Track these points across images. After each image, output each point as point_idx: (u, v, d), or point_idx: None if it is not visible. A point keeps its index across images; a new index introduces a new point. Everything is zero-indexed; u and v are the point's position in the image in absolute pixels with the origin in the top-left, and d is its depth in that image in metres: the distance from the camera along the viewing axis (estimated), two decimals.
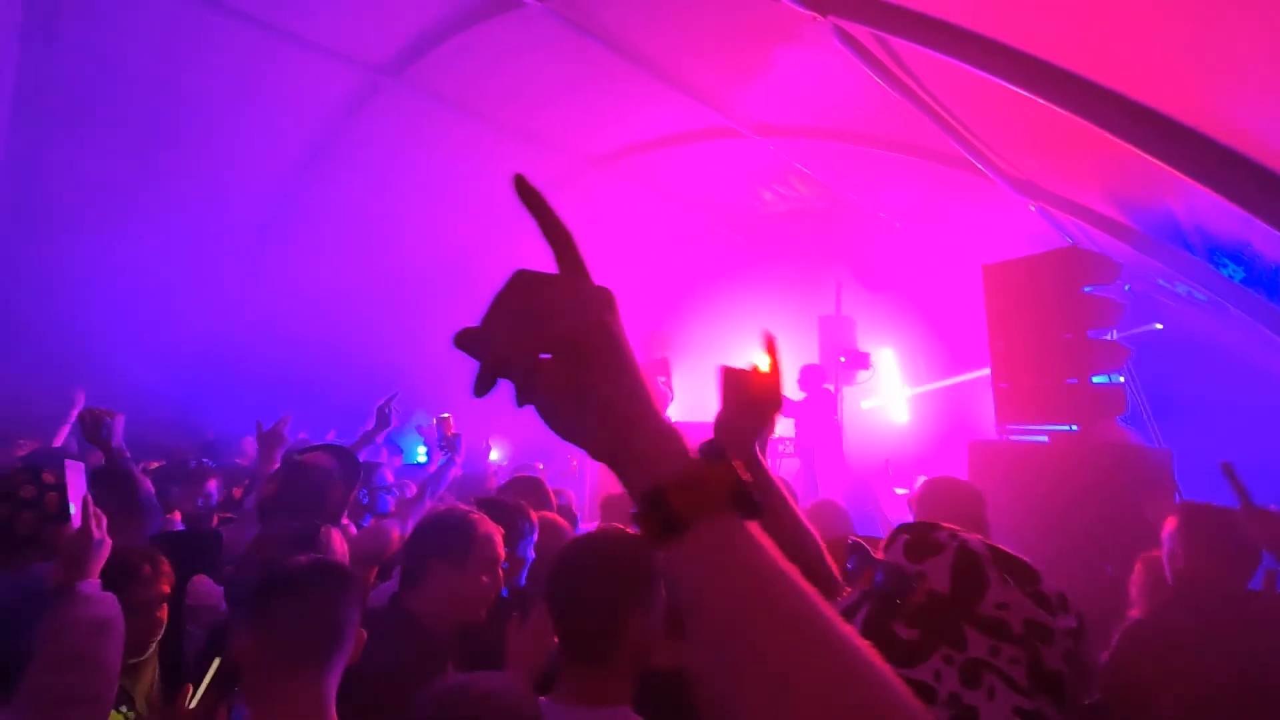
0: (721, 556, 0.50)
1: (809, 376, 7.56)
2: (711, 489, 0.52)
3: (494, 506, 2.44)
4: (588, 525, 3.57)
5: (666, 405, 8.18)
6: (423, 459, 8.09)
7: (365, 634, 1.62)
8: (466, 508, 2.26)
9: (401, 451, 7.97)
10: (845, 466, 6.97)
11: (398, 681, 1.74)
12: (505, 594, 2.19)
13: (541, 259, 0.61)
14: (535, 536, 2.58)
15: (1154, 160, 2.38)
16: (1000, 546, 0.82)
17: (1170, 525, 2.43)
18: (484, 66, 5.79)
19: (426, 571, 1.99)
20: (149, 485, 2.79)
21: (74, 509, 1.69)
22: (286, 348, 7.04)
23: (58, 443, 5.05)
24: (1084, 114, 2.53)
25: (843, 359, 7.74)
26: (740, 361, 1.32)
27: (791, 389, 7.65)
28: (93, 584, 1.58)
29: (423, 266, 7.91)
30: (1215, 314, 5.13)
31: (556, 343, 0.55)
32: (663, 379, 8.25)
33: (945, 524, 0.86)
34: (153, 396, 6.53)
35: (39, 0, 4.97)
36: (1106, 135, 3.08)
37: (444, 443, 4.29)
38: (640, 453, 0.55)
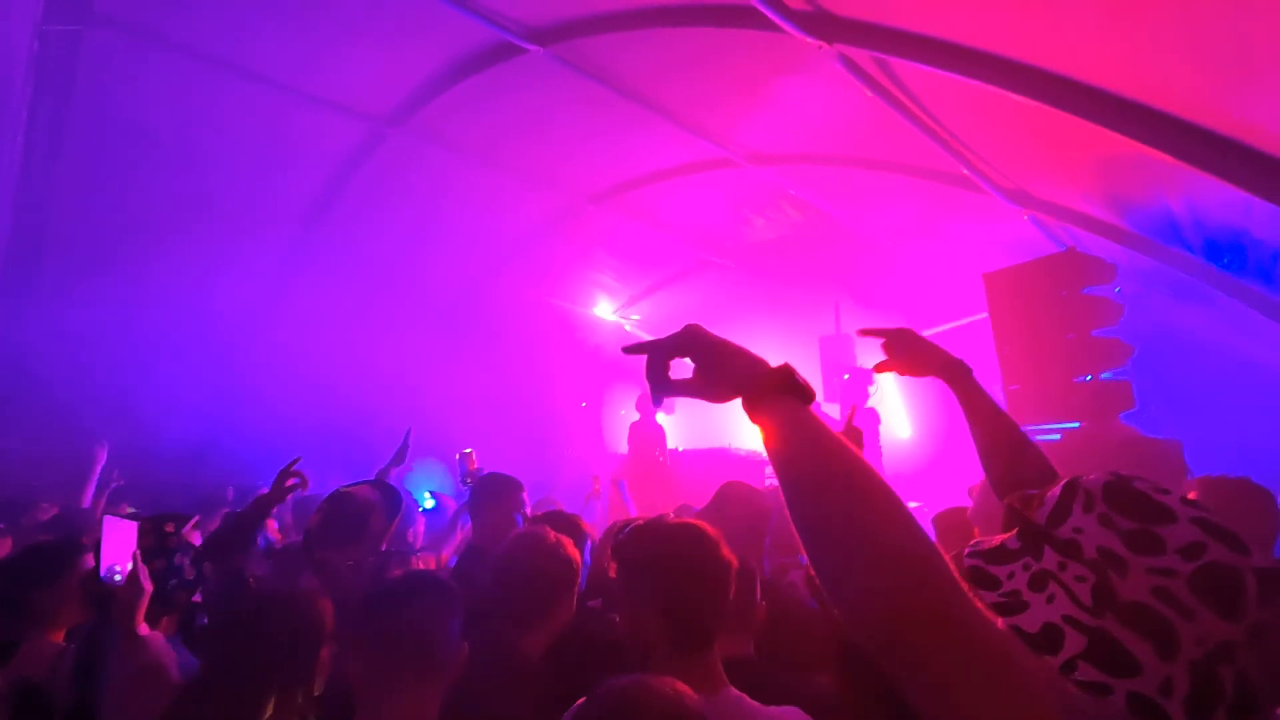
0: (778, 419, 0.86)
1: None
2: (771, 383, 0.91)
3: (558, 519, 2.50)
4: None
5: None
6: (430, 504, 8.06)
7: (468, 647, 1.64)
8: (545, 532, 2.17)
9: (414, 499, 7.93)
10: None
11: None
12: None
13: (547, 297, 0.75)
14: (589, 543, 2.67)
15: (1156, 153, 2.56)
16: (1141, 484, 0.87)
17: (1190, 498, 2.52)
18: (486, 111, 5.98)
19: (548, 612, 1.93)
20: None
21: (119, 567, 1.74)
22: (298, 398, 7.05)
23: (85, 503, 5.01)
24: (1088, 115, 2.70)
25: (846, 376, 7.88)
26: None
27: None
28: (144, 627, 1.69)
29: (430, 309, 7.99)
30: (1207, 309, 5.33)
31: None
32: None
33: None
34: (167, 448, 6.51)
35: (50, 68, 5.08)
36: (1099, 140, 3.27)
37: (467, 477, 4.32)
38: (738, 373, 0.96)
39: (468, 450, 4.51)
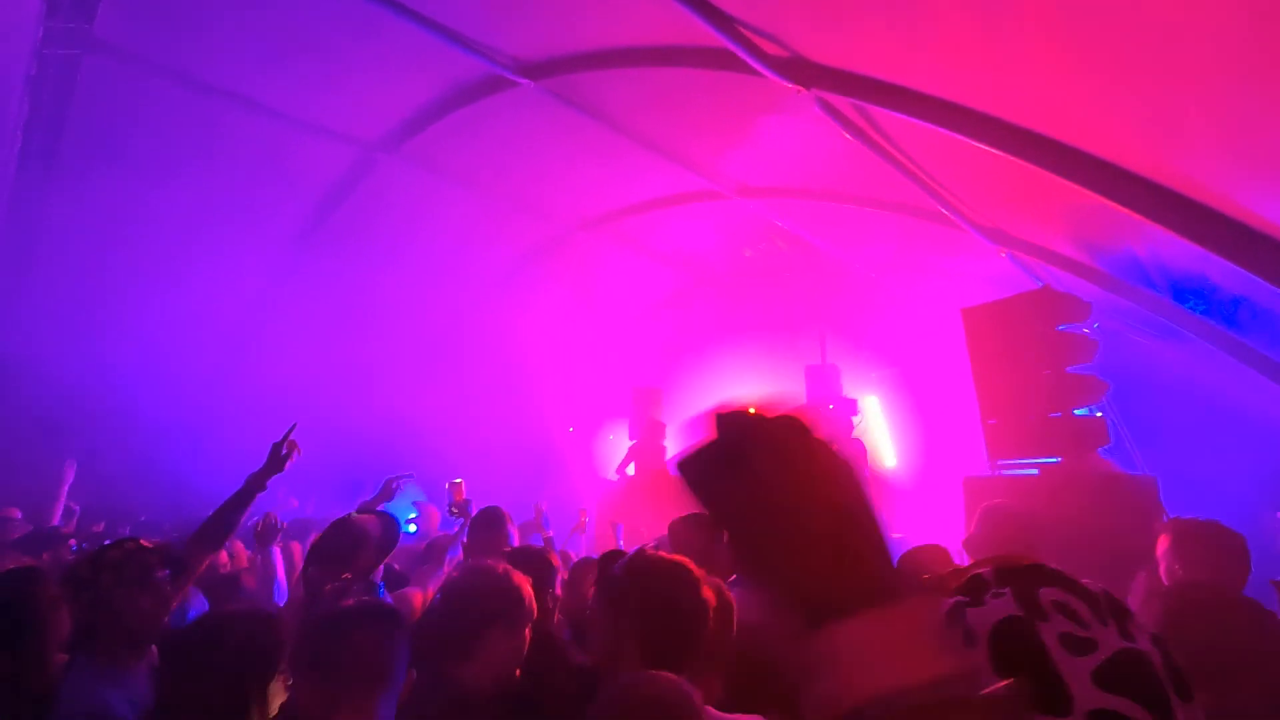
0: None
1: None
2: None
3: (523, 555, 2.53)
4: None
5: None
6: (412, 529, 8.02)
7: (415, 673, 1.66)
8: (496, 564, 2.25)
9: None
10: None
11: None
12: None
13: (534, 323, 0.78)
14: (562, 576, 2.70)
15: (1116, 206, 2.66)
16: (1052, 629, 0.66)
17: (1164, 542, 2.57)
18: (477, 141, 6.08)
19: (483, 640, 1.93)
20: None
21: None
22: (283, 420, 7.04)
23: (55, 519, 5.00)
24: (1054, 169, 2.81)
25: (831, 406, 7.92)
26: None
27: None
28: None
29: (418, 333, 8.03)
30: (1179, 346, 5.44)
31: None
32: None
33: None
34: (147, 470, 6.49)
35: (45, 91, 5.15)
36: (1068, 187, 3.38)
37: (455, 508, 4.31)
38: None
39: (457, 480, 4.49)
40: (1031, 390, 4.84)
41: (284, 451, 2.95)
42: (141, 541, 2.20)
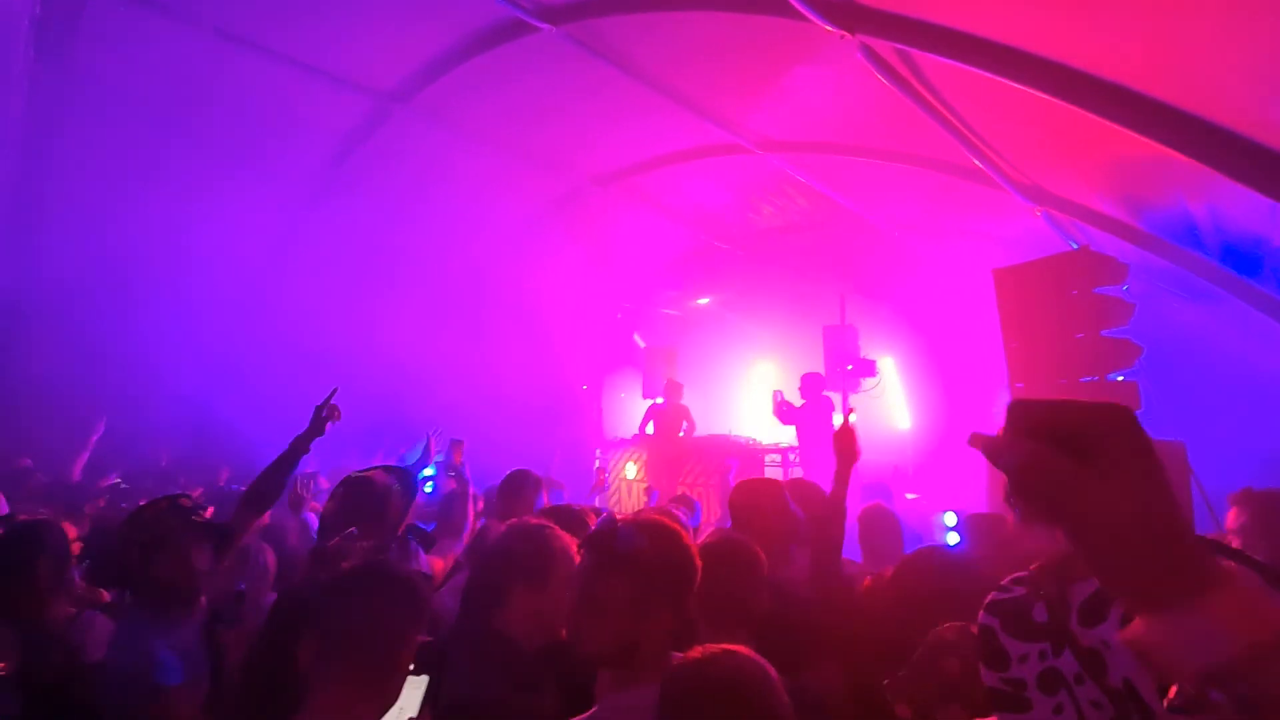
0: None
1: (809, 385, 7.67)
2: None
3: (561, 514, 2.49)
4: None
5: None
6: (428, 488, 8.06)
7: (421, 639, 1.59)
8: (540, 521, 2.21)
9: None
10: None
11: (499, 701, 1.74)
12: None
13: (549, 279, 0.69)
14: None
15: (1193, 162, 2.52)
16: None
17: (1242, 515, 2.48)
18: (493, 90, 5.88)
19: (508, 593, 1.91)
20: None
21: None
22: (298, 376, 7.02)
23: (75, 475, 5.00)
24: (1121, 120, 2.66)
25: (849, 367, 7.85)
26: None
27: (793, 396, 7.76)
28: None
29: (431, 288, 7.93)
30: (1214, 311, 5.31)
31: None
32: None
33: None
34: (162, 426, 6.51)
35: (50, 33, 4.98)
36: (1119, 140, 3.22)
37: (451, 468, 4.27)
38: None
39: (459, 441, 4.41)
40: (1063, 353, 4.75)
41: (325, 415, 2.87)
42: (180, 499, 2.18)
